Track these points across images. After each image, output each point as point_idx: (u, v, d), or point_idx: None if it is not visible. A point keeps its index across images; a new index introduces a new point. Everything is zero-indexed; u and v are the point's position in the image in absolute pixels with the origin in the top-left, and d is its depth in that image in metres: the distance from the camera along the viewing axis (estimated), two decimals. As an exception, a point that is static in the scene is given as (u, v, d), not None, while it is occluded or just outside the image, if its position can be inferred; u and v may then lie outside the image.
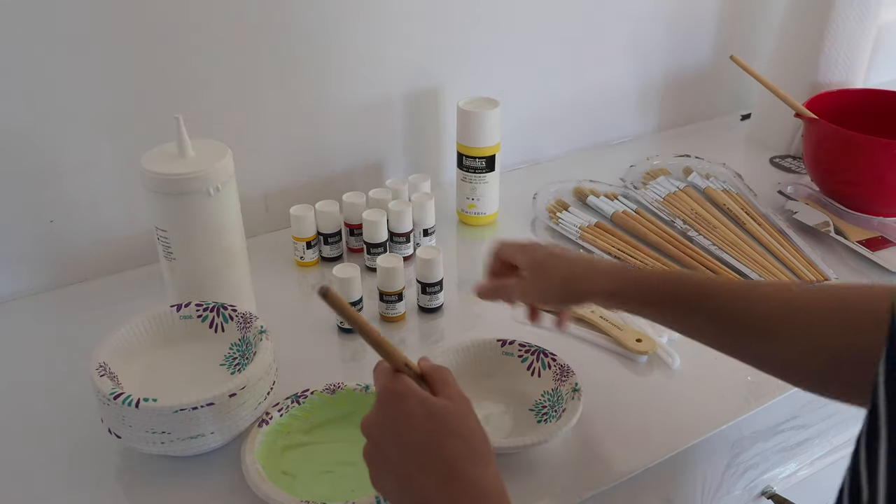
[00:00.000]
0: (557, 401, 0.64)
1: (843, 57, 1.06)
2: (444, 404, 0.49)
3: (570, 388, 0.64)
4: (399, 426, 0.48)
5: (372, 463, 0.50)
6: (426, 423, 0.48)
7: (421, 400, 0.48)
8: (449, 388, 0.50)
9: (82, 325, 0.77)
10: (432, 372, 0.52)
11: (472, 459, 0.47)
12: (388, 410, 0.49)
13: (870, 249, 0.87)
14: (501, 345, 0.69)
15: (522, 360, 0.69)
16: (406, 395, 0.49)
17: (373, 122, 0.96)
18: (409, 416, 0.48)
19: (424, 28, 0.94)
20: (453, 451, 0.47)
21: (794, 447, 0.77)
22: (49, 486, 0.59)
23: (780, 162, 1.13)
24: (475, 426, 0.49)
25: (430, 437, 0.47)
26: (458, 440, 0.47)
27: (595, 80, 1.13)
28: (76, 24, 0.74)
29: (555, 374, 0.66)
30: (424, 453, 0.47)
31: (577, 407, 0.62)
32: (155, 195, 0.65)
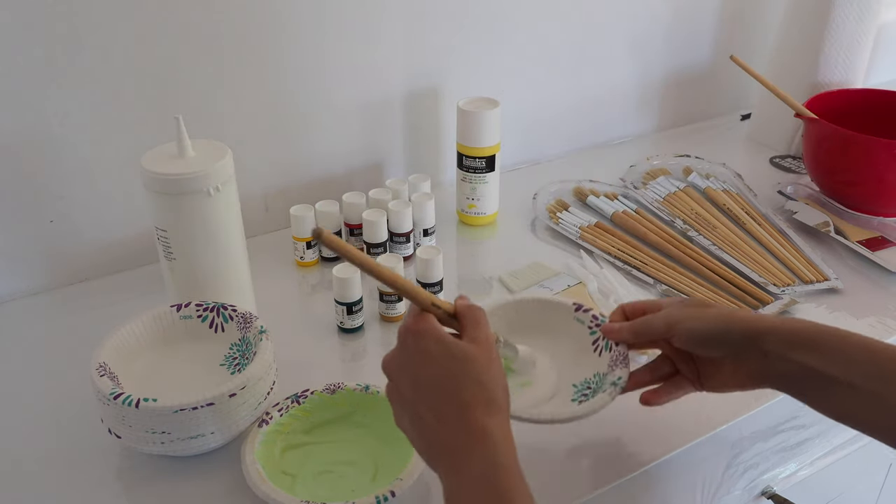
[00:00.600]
0: (599, 388, 0.60)
1: (843, 57, 1.06)
2: (465, 347, 0.48)
3: (613, 379, 0.59)
4: (414, 364, 0.48)
5: (392, 400, 0.50)
6: (443, 363, 0.47)
7: (439, 339, 0.48)
8: (477, 331, 0.49)
9: (82, 325, 0.77)
10: (465, 312, 0.51)
11: (486, 407, 0.46)
12: (405, 348, 0.49)
13: (870, 249, 0.87)
14: (575, 309, 0.65)
15: (591, 332, 0.64)
16: (424, 334, 0.48)
17: (373, 122, 0.96)
18: (426, 354, 0.47)
19: (424, 28, 0.94)
20: (467, 396, 0.46)
21: (794, 447, 0.77)
22: (49, 486, 0.59)
23: (780, 162, 1.13)
24: (495, 374, 0.48)
25: (444, 379, 0.47)
26: (473, 385, 0.47)
27: (595, 80, 1.13)
28: (76, 23, 0.74)
29: (612, 360, 0.61)
30: (437, 394, 0.47)
31: (604, 401, 0.57)
32: (155, 195, 0.65)
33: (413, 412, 0.47)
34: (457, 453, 0.45)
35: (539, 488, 0.59)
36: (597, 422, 0.65)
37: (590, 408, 0.56)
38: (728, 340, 0.55)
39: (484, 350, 0.48)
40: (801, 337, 0.53)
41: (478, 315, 0.50)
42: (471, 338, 0.49)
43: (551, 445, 0.63)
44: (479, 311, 0.51)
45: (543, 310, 0.66)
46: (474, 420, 0.45)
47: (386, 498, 0.53)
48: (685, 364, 0.60)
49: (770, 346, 0.53)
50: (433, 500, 0.58)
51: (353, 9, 0.88)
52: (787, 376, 0.54)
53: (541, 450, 0.62)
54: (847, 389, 0.50)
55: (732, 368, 0.57)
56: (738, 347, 0.55)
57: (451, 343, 0.48)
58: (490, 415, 0.46)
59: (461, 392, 0.46)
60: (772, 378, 0.55)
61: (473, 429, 0.45)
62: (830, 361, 0.51)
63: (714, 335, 0.56)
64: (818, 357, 0.51)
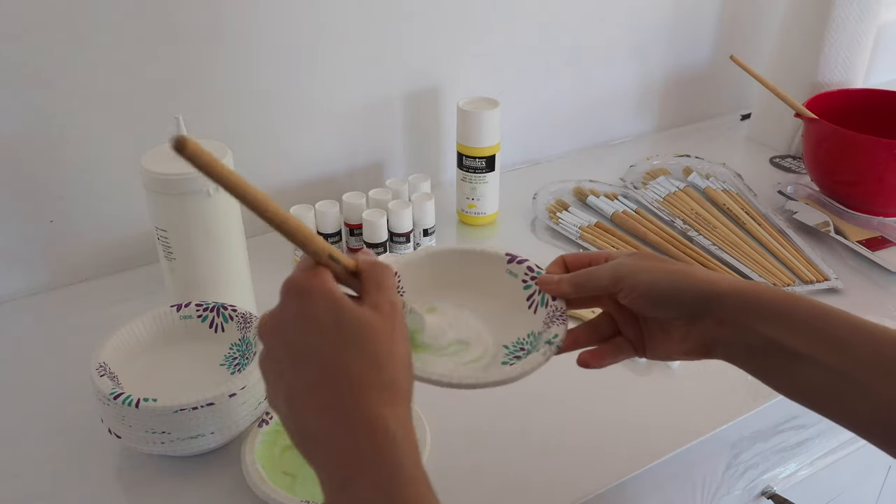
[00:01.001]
0: (533, 348, 0.52)
1: (843, 57, 1.06)
2: (363, 315, 0.39)
3: (548, 337, 0.51)
4: (296, 331, 0.39)
5: (264, 371, 0.41)
6: (331, 333, 0.38)
7: (331, 301, 0.39)
8: (380, 295, 0.40)
9: (82, 325, 0.77)
10: (368, 270, 0.41)
11: (380, 392, 0.37)
12: (287, 308, 0.39)
13: (870, 249, 0.87)
14: (508, 260, 0.57)
15: (526, 286, 0.56)
16: (313, 293, 0.39)
17: (373, 122, 0.96)
18: (311, 320, 0.38)
19: (424, 28, 0.94)
20: (359, 377, 0.37)
21: (794, 447, 0.77)
22: (49, 486, 0.59)
23: (780, 162, 1.13)
24: (398, 351, 0.39)
25: (331, 353, 0.38)
26: (366, 363, 0.38)
27: (595, 80, 1.13)
28: (75, 23, 0.74)
29: (548, 316, 0.53)
30: (320, 373, 0.37)
31: (537, 362, 0.49)
32: (155, 195, 0.65)
33: (290, 392, 0.38)
34: (342, 454, 0.36)
35: (539, 488, 0.59)
36: (596, 423, 0.65)
37: (521, 370, 0.49)
38: (682, 300, 0.48)
39: (386, 319, 0.39)
40: (764, 303, 0.45)
41: (383, 275, 0.41)
42: (372, 303, 0.40)
43: (551, 445, 0.63)
44: (386, 270, 0.42)
45: (470, 262, 0.57)
46: (366, 409, 0.36)
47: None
48: (629, 325, 0.53)
49: (727, 311, 0.46)
50: (433, 500, 0.58)
51: (353, 9, 0.88)
52: (744, 347, 0.47)
53: (540, 450, 0.62)
54: (814, 367, 0.43)
55: (682, 334, 0.50)
56: (693, 309, 0.48)
57: (345, 308, 0.38)
58: (387, 403, 0.37)
59: (351, 372, 0.37)
60: (726, 348, 0.48)
61: (365, 421, 0.36)
62: (797, 334, 0.44)
63: (666, 293, 0.48)
64: (783, 328, 0.44)
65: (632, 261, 0.50)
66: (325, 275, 0.40)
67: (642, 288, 0.48)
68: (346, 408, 0.37)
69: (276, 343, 0.39)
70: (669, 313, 0.49)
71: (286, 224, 0.39)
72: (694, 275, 0.48)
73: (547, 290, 0.53)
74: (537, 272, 0.55)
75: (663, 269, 0.49)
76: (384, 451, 0.36)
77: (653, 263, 0.50)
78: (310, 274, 0.40)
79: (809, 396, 0.45)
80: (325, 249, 0.41)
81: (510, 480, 0.60)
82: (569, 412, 0.66)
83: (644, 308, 0.50)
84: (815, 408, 0.46)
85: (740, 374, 0.70)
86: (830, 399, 0.44)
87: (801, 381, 0.45)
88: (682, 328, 0.49)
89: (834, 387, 0.43)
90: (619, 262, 0.50)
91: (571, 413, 0.66)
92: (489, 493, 0.59)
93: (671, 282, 0.48)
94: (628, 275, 0.49)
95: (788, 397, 0.47)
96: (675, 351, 0.51)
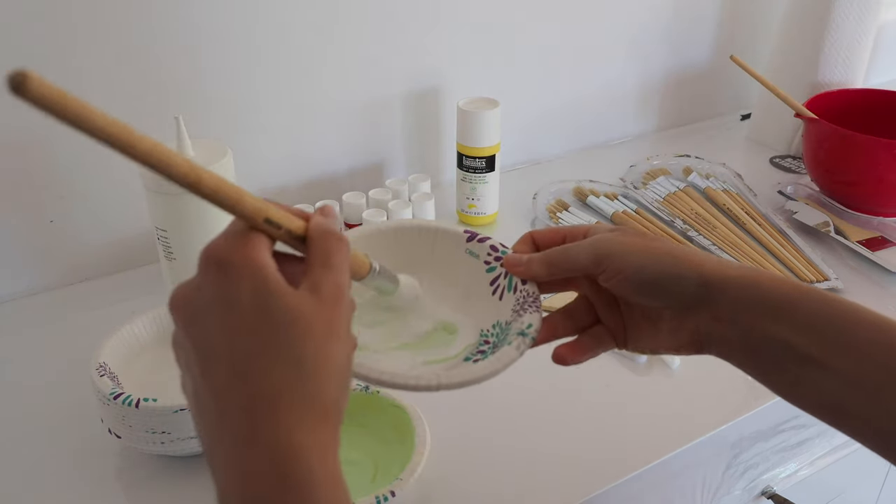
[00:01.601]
0: (502, 340, 0.45)
1: (843, 57, 1.06)
2: (296, 302, 0.30)
3: (520, 328, 0.44)
4: (207, 315, 0.31)
5: (176, 355, 0.33)
6: (250, 323, 0.30)
7: (257, 280, 0.30)
8: (325, 274, 0.32)
9: (82, 325, 0.77)
10: (316, 238, 0.33)
11: (300, 410, 0.29)
12: (203, 285, 0.31)
13: (870, 249, 0.87)
14: (468, 238, 0.49)
15: (489, 268, 0.48)
16: (234, 267, 0.30)
17: (373, 122, 0.96)
18: (228, 304, 0.30)
19: (425, 28, 0.94)
20: (272, 387, 0.29)
21: (794, 447, 0.77)
22: (49, 486, 0.59)
23: (780, 162, 1.13)
24: (332, 353, 0.31)
25: (245, 351, 0.30)
26: (288, 369, 0.29)
27: (595, 80, 1.13)
28: (75, 23, 0.74)
29: (518, 303, 0.46)
30: (227, 374, 0.30)
31: (509, 357, 0.42)
32: (155, 195, 0.65)
33: (195, 388, 0.31)
34: (243, 482, 0.29)
35: (539, 488, 0.59)
36: (596, 423, 0.65)
37: (490, 367, 0.41)
38: (675, 288, 0.41)
39: (325, 308, 0.31)
40: (770, 296, 0.39)
41: (332, 247, 0.33)
42: (313, 283, 0.31)
43: (551, 445, 0.63)
44: (338, 242, 0.33)
45: (424, 240, 0.49)
46: (277, 434, 0.29)
47: (386, 498, 0.53)
48: (609, 312, 0.46)
49: (727, 304, 0.40)
50: (433, 500, 0.58)
51: (352, 9, 0.88)
52: (744, 346, 0.41)
53: (540, 449, 0.62)
54: (825, 374, 0.38)
55: (672, 326, 0.43)
56: (687, 299, 0.41)
57: (274, 291, 0.30)
58: (307, 426, 0.29)
59: (268, 379, 0.29)
60: (722, 345, 0.42)
61: (274, 449, 0.28)
62: (808, 334, 0.38)
63: (657, 278, 0.41)
64: (791, 327, 0.38)
65: (616, 237, 0.43)
66: (256, 243, 0.31)
67: (629, 271, 0.41)
68: (252, 427, 0.29)
69: (186, 327, 0.31)
70: (659, 302, 0.42)
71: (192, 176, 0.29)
72: (689, 258, 0.42)
73: (515, 273, 0.46)
74: (502, 252, 0.48)
75: (654, 249, 0.42)
76: (301, 493, 0.28)
77: (641, 242, 0.43)
78: (236, 241, 0.31)
79: (817, 404, 0.40)
80: (259, 210, 0.32)
81: (509, 480, 0.60)
82: (568, 412, 0.66)
83: (630, 294, 0.43)
84: (821, 416, 0.40)
85: (740, 373, 0.70)
86: (841, 410, 0.39)
87: (809, 387, 0.39)
88: (673, 320, 0.43)
89: (847, 397, 0.38)
90: (601, 237, 0.43)
91: (571, 413, 0.66)
92: (489, 494, 0.59)
93: (663, 265, 0.41)
94: (612, 254, 0.42)
95: (792, 403, 0.41)
96: (663, 344, 0.45)
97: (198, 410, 0.32)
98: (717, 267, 0.41)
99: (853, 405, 0.38)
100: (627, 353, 0.71)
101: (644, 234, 0.44)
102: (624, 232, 0.44)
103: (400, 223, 0.50)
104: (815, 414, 0.40)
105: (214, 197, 0.31)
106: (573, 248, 0.44)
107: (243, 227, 0.32)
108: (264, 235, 0.32)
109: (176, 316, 0.32)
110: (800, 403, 0.40)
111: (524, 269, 0.45)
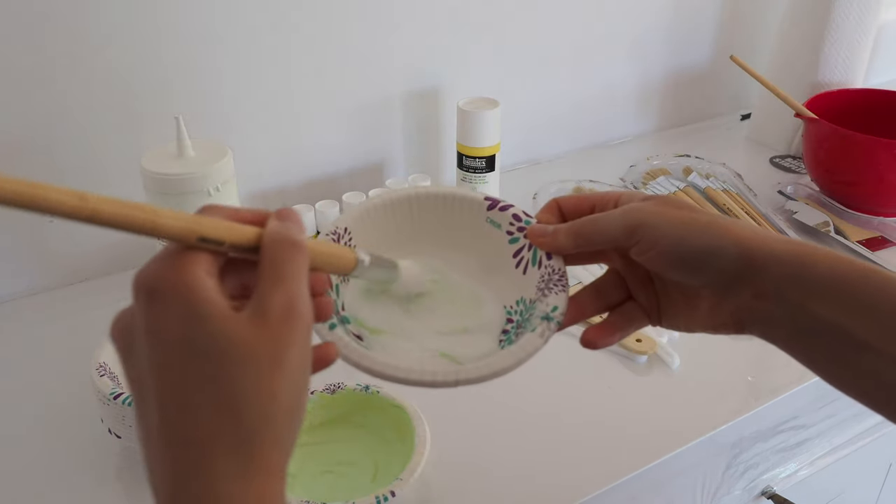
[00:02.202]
0: (525, 323, 0.42)
1: (843, 57, 1.06)
2: (230, 329, 0.27)
3: (545, 311, 0.40)
4: (140, 346, 0.28)
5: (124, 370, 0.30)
6: (178, 356, 0.27)
7: (187, 306, 0.27)
8: (274, 291, 0.28)
9: (82, 325, 0.76)
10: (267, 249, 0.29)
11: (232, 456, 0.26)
12: (136, 313, 0.29)
13: (870, 249, 0.87)
14: (489, 206, 0.45)
15: (511, 239, 0.45)
16: (163, 293, 0.28)
17: (373, 122, 0.96)
18: (157, 334, 0.27)
19: (424, 28, 0.94)
20: (202, 429, 0.26)
21: (794, 447, 0.77)
22: (49, 486, 0.59)
23: (780, 162, 1.13)
24: (278, 387, 0.27)
25: (171, 387, 0.27)
26: (217, 410, 0.26)
27: (595, 80, 1.13)
28: (75, 23, 0.74)
29: (542, 280, 0.42)
30: (158, 413, 0.27)
31: (534, 346, 0.39)
32: (155, 195, 0.65)
33: (137, 422, 0.29)
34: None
35: (539, 488, 0.59)
36: (596, 423, 0.65)
37: (513, 358, 0.38)
38: (717, 265, 0.37)
39: (270, 335, 0.27)
40: (822, 274, 0.35)
41: (284, 256, 0.29)
42: (258, 304, 0.28)
43: (551, 445, 0.63)
44: (291, 250, 0.29)
45: (439, 210, 0.46)
46: (210, 482, 0.26)
47: (386, 498, 0.53)
48: (642, 288, 0.43)
49: (771, 282, 0.36)
50: (433, 500, 0.58)
51: (352, 9, 0.88)
52: (791, 328, 0.37)
53: (540, 449, 0.62)
54: (884, 362, 0.34)
55: (711, 304, 0.40)
56: (728, 277, 0.38)
57: (204, 317, 0.27)
58: (239, 475, 0.26)
59: (196, 420, 0.26)
60: (766, 326, 0.38)
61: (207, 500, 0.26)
62: (864, 318, 0.34)
63: (695, 253, 0.37)
64: (846, 310, 0.35)
65: (651, 206, 0.39)
66: (188, 264, 0.28)
67: (664, 243, 0.38)
68: (180, 477, 0.26)
69: (123, 361, 0.29)
70: (698, 279, 0.39)
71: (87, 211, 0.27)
72: (731, 230, 0.38)
73: (540, 245, 0.42)
74: (526, 221, 0.44)
75: (691, 220, 0.38)
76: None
77: (678, 213, 0.39)
78: (164, 264, 0.28)
79: (872, 394, 0.36)
80: (189, 231, 0.28)
81: (509, 480, 0.60)
82: (568, 411, 0.66)
83: (665, 269, 0.39)
84: (877, 408, 0.37)
85: (740, 373, 0.70)
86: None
87: (865, 375, 0.35)
88: (712, 297, 0.40)
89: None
90: (634, 206, 0.40)
91: (571, 412, 0.66)
92: (489, 494, 0.59)
93: (703, 239, 0.37)
94: (646, 225, 0.38)
95: (842, 391, 0.37)
96: (700, 323, 0.41)
97: (142, 447, 0.29)
98: (763, 241, 0.37)
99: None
100: (627, 353, 0.71)
101: (680, 203, 0.40)
102: (660, 201, 0.40)
103: (414, 191, 0.46)
104: (867, 402, 0.37)
105: (121, 226, 0.29)
106: (603, 218, 0.40)
107: (176, 247, 0.29)
108: (205, 253, 0.29)
109: (116, 347, 0.30)
110: (852, 393, 0.37)
111: (549, 241, 0.42)
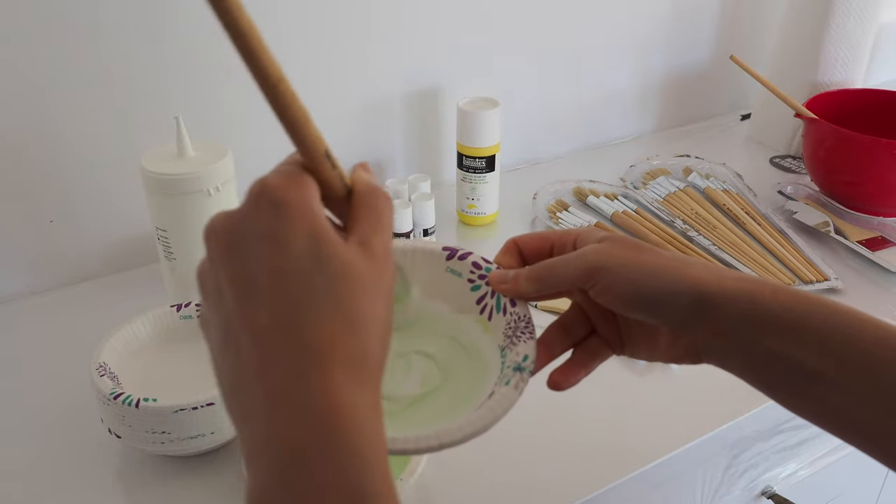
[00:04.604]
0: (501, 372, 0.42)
1: (843, 57, 1.06)
2: (350, 255, 0.29)
3: (516, 360, 0.40)
4: (254, 255, 0.29)
5: (202, 285, 0.31)
6: (304, 269, 0.28)
7: (314, 227, 0.29)
8: (375, 232, 0.30)
9: (82, 325, 0.77)
10: (364, 194, 0.32)
11: (348, 368, 0.27)
12: (253, 219, 0.30)
13: (870, 249, 0.87)
14: (447, 256, 0.45)
15: (474, 286, 0.44)
16: (292, 209, 0.29)
17: (373, 122, 0.96)
18: (283, 245, 0.29)
19: (424, 28, 0.94)
20: (321, 339, 0.27)
21: (794, 447, 0.77)
22: (49, 486, 0.59)
23: (780, 162, 1.13)
24: (379, 312, 0.29)
25: (296, 295, 0.28)
26: (338, 323, 0.28)
27: (595, 80, 1.13)
28: (76, 23, 0.74)
29: (508, 327, 0.42)
30: (273, 317, 0.28)
31: (509, 400, 0.38)
32: (155, 195, 0.65)
33: (227, 325, 0.29)
34: (293, 435, 0.27)
35: (539, 488, 0.59)
36: (595, 423, 0.65)
37: (492, 415, 0.37)
38: (668, 305, 0.39)
39: (375, 267, 0.29)
40: (771, 310, 0.37)
41: (382, 205, 0.31)
42: (361, 240, 0.30)
43: (551, 445, 0.63)
44: (386, 199, 0.31)
45: (403, 262, 0.45)
46: (329, 387, 0.27)
47: None
48: (604, 321, 0.44)
49: (724, 320, 0.38)
50: (433, 500, 0.58)
51: (353, 8, 0.88)
52: (746, 361, 0.39)
53: (540, 449, 0.62)
54: (835, 390, 0.36)
55: (670, 339, 0.42)
56: (682, 316, 0.39)
57: (330, 241, 0.29)
58: (356, 384, 0.27)
59: (316, 329, 0.27)
60: (722, 359, 0.40)
61: (327, 402, 0.27)
62: (814, 350, 0.36)
63: (649, 295, 0.39)
64: (795, 342, 0.37)
65: (606, 248, 0.41)
66: (312, 189, 0.30)
67: (620, 287, 0.39)
68: (299, 379, 0.27)
69: (224, 255, 0.30)
70: (654, 319, 0.40)
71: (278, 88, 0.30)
72: (683, 271, 0.39)
73: (502, 292, 0.43)
74: (486, 269, 0.44)
75: (646, 263, 0.40)
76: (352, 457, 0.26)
77: (632, 254, 0.40)
78: (294, 182, 0.30)
79: (826, 419, 0.38)
80: (321, 144, 0.31)
81: (509, 480, 0.60)
82: (568, 412, 0.66)
83: (623, 310, 0.41)
84: (832, 431, 0.38)
85: (740, 374, 0.70)
86: (853, 425, 0.37)
87: (817, 402, 0.37)
88: (669, 334, 0.42)
89: (859, 413, 0.36)
90: (590, 249, 0.41)
91: (571, 413, 0.66)
92: (489, 494, 0.59)
93: (659, 283, 0.39)
94: (602, 268, 0.40)
95: (797, 414, 0.40)
96: (661, 356, 0.44)
97: (223, 344, 0.29)
98: (717, 280, 0.39)
99: (863, 420, 0.36)
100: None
101: (635, 245, 0.42)
102: (614, 242, 0.42)
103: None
104: (821, 425, 0.39)
105: (286, 110, 0.31)
106: (560, 263, 0.42)
107: (297, 167, 0.32)
108: (314, 182, 0.31)
109: (212, 243, 0.31)
110: (805, 415, 0.39)
111: (511, 287, 0.43)
